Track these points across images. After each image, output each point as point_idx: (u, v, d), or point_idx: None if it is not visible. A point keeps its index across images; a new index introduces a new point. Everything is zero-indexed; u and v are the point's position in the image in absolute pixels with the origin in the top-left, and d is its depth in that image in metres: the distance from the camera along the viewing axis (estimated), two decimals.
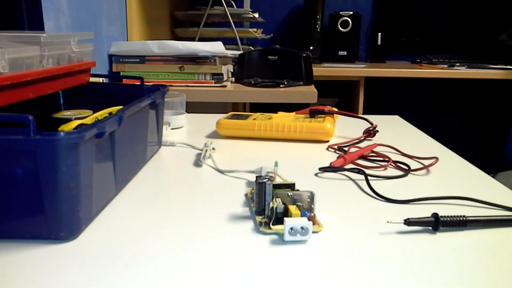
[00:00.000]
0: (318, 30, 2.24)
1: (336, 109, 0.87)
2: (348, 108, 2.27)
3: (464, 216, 0.46)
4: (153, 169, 0.65)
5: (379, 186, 0.59)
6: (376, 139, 0.82)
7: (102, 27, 1.25)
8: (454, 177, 0.63)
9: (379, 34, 2.36)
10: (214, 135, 0.85)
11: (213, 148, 0.73)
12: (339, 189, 0.58)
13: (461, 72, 2.00)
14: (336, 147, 0.75)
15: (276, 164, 0.62)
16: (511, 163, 1.30)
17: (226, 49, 1.32)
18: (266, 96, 1.32)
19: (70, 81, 0.65)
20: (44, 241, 0.42)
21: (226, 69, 1.38)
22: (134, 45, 1.30)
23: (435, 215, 0.45)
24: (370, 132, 0.83)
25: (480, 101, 2.64)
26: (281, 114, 0.84)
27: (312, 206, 0.47)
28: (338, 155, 0.72)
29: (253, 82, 1.39)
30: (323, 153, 0.74)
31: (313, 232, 0.44)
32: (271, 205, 0.45)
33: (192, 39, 1.76)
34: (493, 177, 0.65)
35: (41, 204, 0.40)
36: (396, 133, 0.89)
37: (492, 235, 0.45)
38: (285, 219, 0.43)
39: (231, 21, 1.72)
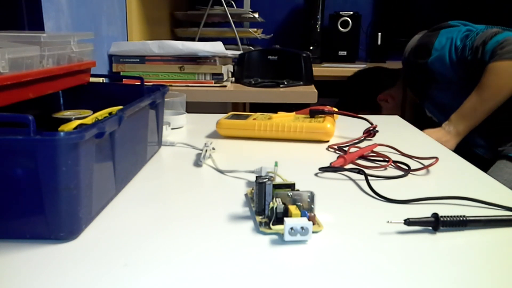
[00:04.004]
0: (318, 30, 2.24)
1: (336, 109, 0.87)
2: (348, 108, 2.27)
3: (464, 216, 0.46)
4: (153, 169, 0.65)
5: (379, 186, 0.59)
6: (376, 139, 0.82)
7: (102, 27, 1.25)
8: (454, 177, 0.63)
9: (379, 34, 2.36)
10: (214, 135, 0.85)
11: (213, 148, 0.73)
12: (339, 189, 0.58)
13: None
14: (336, 147, 0.75)
15: (276, 164, 0.62)
16: None
17: (226, 49, 1.32)
18: (266, 96, 1.32)
19: (70, 81, 0.65)
20: (44, 241, 0.42)
21: (226, 69, 1.37)
22: (134, 45, 1.30)
23: (435, 215, 0.45)
24: (370, 132, 0.83)
25: None
26: (281, 114, 0.84)
27: (312, 206, 0.47)
28: (338, 155, 0.72)
29: (253, 82, 1.39)
30: (323, 153, 0.74)
31: (313, 232, 0.44)
32: (271, 205, 0.45)
33: (192, 39, 1.75)
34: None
35: (41, 204, 0.40)
36: (396, 133, 0.89)
37: (492, 235, 0.45)
38: (285, 219, 0.43)
39: (231, 21, 1.72)
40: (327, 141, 0.81)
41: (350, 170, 0.61)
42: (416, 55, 1.39)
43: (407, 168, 0.65)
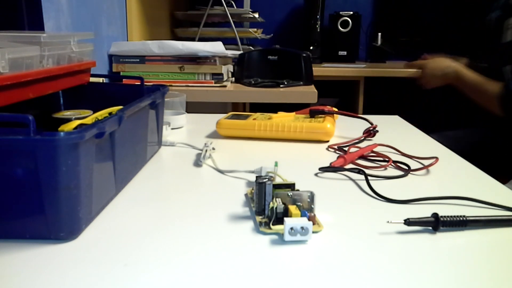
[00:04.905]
0: (318, 30, 2.24)
1: (336, 109, 0.87)
2: (348, 108, 2.27)
3: (464, 216, 0.46)
4: (153, 169, 0.65)
5: (379, 186, 0.59)
6: (376, 139, 0.82)
7: (102, 27, 1.25)
8: (454, 177, 0.63)
9: (379, 34, 2.36)
10: (214, 135, 0.85)
11: (213, 148, 0.73)
12: (339, 189, 0.58)
13: None
14: (336, 147, 0.75)
15: (276, 164, 0.62)
16: None
17: (226, 49, 1.32)
18: (266, 96, 1.32)
19: (70, 81, 0.65)
20: (44, 241, 0.42)
21: (226, 69, 1.37)
22: (134, 45, 1.30)
23: (435, 215, 0.45)
24: (370, 132, 0.83)
25: None
26: (281, 114, 0.84)
27: (312, 206, 0.47)
28: (338, 155, 0.72)
29: (253, 82, 1.39)
30: (323, 153, 0.74)
31: (313, 232, 0.44)
32: (271, 205, 0.45)
33: (192, 39, 1.75)
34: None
35: (41, 204, 0.40)
36: (396, 133, 0.89)
37: (492, 235, 0.45)
38: (285, 219, 0.43)
39: (231, 21, 1.72)
40: (327, 141, 0.81)
41: (350, 170, 0.61)
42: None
43: (407, 168, 0.65)
